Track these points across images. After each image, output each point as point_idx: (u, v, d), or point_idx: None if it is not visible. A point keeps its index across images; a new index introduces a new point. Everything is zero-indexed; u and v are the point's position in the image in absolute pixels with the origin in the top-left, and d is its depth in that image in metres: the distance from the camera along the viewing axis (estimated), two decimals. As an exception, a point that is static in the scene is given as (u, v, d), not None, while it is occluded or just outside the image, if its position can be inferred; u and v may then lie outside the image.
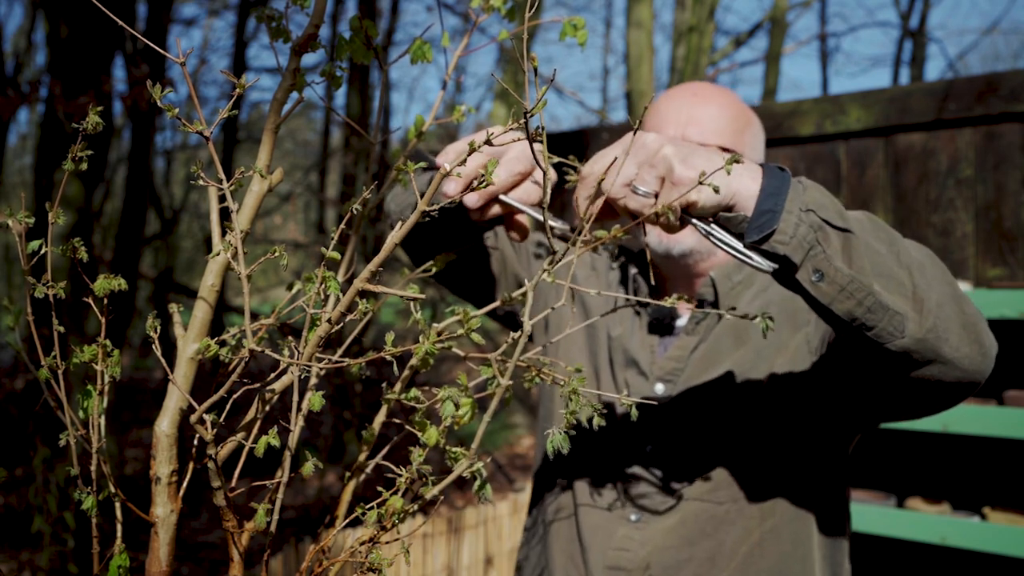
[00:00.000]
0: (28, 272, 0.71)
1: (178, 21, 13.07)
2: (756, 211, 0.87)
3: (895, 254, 0.91)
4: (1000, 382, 2.08)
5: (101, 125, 0.69)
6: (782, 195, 0.86)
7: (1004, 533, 1.93)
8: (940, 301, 0.92)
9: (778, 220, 0.85)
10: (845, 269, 0.86)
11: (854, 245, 0.87)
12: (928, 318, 0.90)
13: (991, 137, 2.18)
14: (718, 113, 1.27)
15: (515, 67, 8.06)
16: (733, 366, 1.24)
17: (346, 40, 0.87)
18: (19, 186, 12.93)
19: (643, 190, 0.88)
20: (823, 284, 0.87)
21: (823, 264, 0.86)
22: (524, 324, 0.71)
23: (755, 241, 0.87)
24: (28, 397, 5.92)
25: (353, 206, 0.77)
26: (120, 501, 0.72)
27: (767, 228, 0.86)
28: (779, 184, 0.87)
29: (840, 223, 0.87)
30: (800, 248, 0.85)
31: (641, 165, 0.88)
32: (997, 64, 20.96)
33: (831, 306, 0.88)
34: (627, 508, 1.24)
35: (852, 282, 0.87)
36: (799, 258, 0.86)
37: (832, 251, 0.86)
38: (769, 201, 0.86)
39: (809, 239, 0.86)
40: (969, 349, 0.95)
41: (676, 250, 1.27)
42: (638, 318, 1.35)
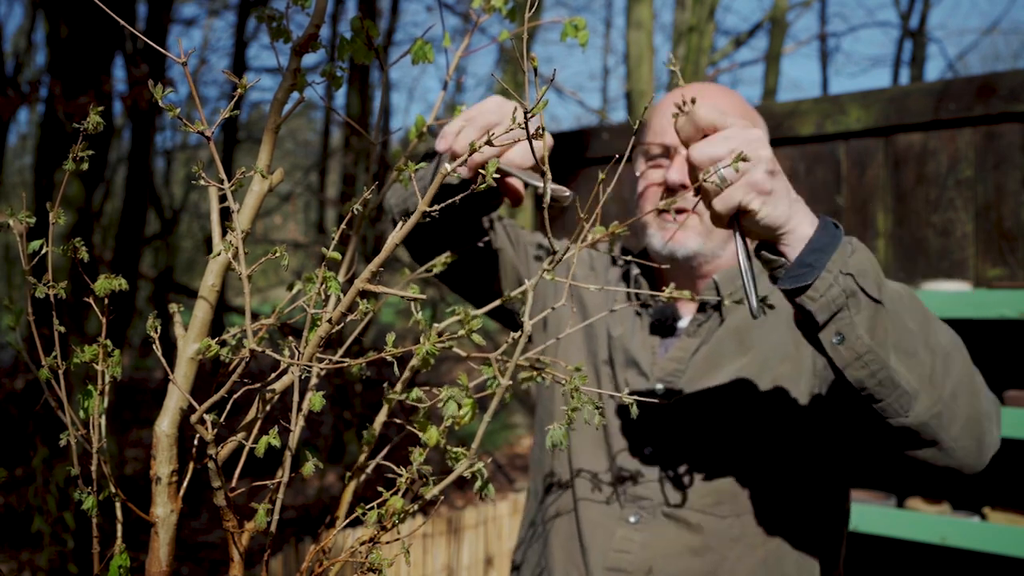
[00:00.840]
0: (29, 272, 0.71)
1: (178, 21, 13.07)
2: (797, 261, 0.88)
3: (924, 335, 0.92)
4: (1000, 382, 2.08)
5: (101, 125, 0.69)
6: (827, 253, 0.87)
7: (1004, 533, 1.93)
8: (955, 391, 0.93)
9: (814, 276, 0.87)
10: (866, 339, 0.88)
11: (882, 317, 0.88)
12: (937, 405, 0.92)
13: (991, 137, 2.18)
14: None
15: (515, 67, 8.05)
16: (735, 371, 1.24)
17: (347, 40, 0.87)
18: (19, 186, 12.93)
19: (721, 174, 0.87)
20: (842, 347, 0.88)
21: (846, 328, 0.87)
22: (524, 324, 0.71)
23: (786, 290, 0.89)
24: (28, 397, 5.92)
25: (353, 206, 0.77)
26: (120, 501, 0.72)
27: (800, 281, 0.87)
28: (828, 241, 0.88)
29: (875, 293, 0.88)
30: (827, 308, 0.87)
31: (732, 152, 0.87)
32: (997, 64, 20.96)
33: (844, 370, 0.89)
34: (626, 509, 1.24)
35: (870, 352, 0.88)
36: (824, 318, 0.88)
37: (858, 319, 0.87)
38: (812, 256, 0.88)
39: (839, 302, 0.87)
40: (968, 443, 0.96)
41: (680, 252, 1.26)
42: (639, 319, 1.34)
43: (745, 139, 0.87)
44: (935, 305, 1.98)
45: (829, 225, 0.90)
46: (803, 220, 0.89)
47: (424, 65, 1.33)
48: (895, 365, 0.89)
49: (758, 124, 1.32)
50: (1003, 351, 2.09)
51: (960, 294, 1.97)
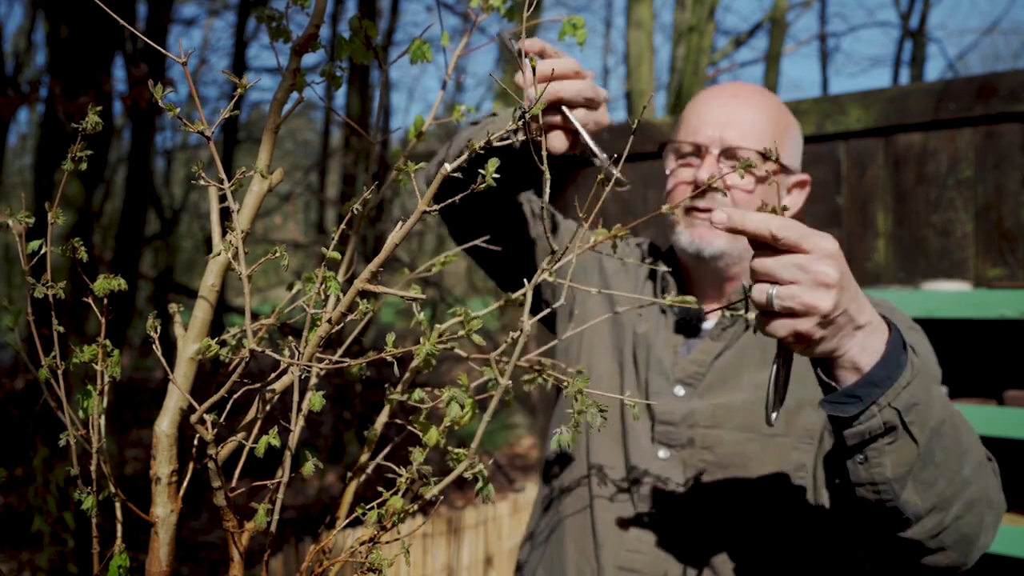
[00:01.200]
0: (28, 272, 0.71)
1: (178, 21, 13.07)
2: (846, 390, 0.85)
3: (951, 470, 0.89)
4: (1000, 382, 2.08)
5: (101, 125, 0.69)
6: (880, 388, 0.83)
7: (1004, 533, 1.93)
8: (959, 514, 0.92)
9: (857, 410, 0.84)
10: (888, 472, 0.86)
11: (912, 455, 0.86)
12: (936, 528, 0.91)
13: (991, 137, 2.18)
14: (757, 117, 1.26)
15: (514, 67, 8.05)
16: (758, 382, 1.22)
17: (346, 40, 0.87)
18: (19, 186, 12.93)
19: (773, 296, 0.81)
20: (862, 468, 0.87)
21: (872, 455, 0.86)
22: (524, 324, 0.71)
23: (827, 410, 0.86)
24: (28, 397, 5.92)
25: (353, 206, 0.77)
26: (120, 501, 0.72)
27: (842, 411, 0.85)
28: (885, 376, 0.83)
29: (916, 432, 0.84)
30: (859, 436, 0.85)
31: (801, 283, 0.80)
32: (997, 64, 20.97)
33: (855, 486, 0.88)
34: (639, 509, 1.23)
35: (885, 483, 0.86)
36: (852, 443, 0.86)
37: (888, 450, 0.85)
38: (864, 389, 0.84)
39: (875, 432, 0.84)
40: (954, 553, 0.96)
41: (707, 251, 1.24)
42: (664, 317, 1.33)
43: (819, 280, 0.80)
44: (935, 305, 1.98)
45: (896, 351, 0.85)
46: (853, 349, 0.84)
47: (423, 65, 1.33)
48: (906, 497, 0.87)
49: (791, 127, 1.31)
50: (1003, 351, 2.09)
51: (960, 294, 1.97)
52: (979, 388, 2.13)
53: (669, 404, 1.24)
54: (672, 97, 8.37)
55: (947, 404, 0.92)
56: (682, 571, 1.18)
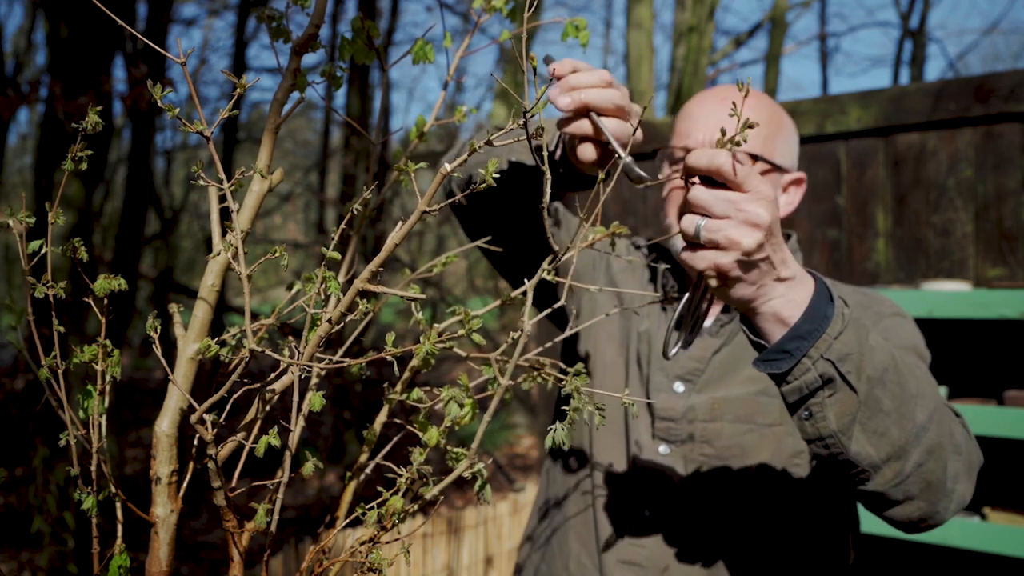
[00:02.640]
0: (28, 272, 0.71)
1: (178, 21, 13.07)
2: (775, 346, 0.85)
3: (900, 415, 0.89)
4: (1000, 382, 2.08)
5: (101, 125, 0.69)
6: (809, 340, 0.83)
7: (1004, 533, 1.93)
8: (920, 461, 0.92)
9: (789, 365, 0.84)
10: (832, 424, 0.86)
11: (854, 404, 0.86)
12: (897, 476, 0.91)
13: (990, 137, 2.18)
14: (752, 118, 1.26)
15: (515, 67, 8.06)
16: (755, 376, 1.24)
17: (348, 40, 0.87)
18: (19, 186, 12.93)
19: (699, 227, 0.83)
20: (807, 424, 0.87)
21: (815, 409, 0.86)
22: (524, 324, 0.71)
23: (760, 369, 0.87)
24: (28, 397, 5.92)
25: (353, 206, 0.77)
26: (120, 501, 0.72)
27: (775, 368, 0.85)
28: (812, 328, 0.84)
29: (854, 380, 0.84)
30: (798, 391, 0.85)
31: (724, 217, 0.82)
32: (997, 64, 20.97)
33: (806, 440, 0.89)
34: (642, 504, 1.25)
35: (831, 437, 0.87)
36: (793, 399, 0.86)
37: (829, 403, 0.85)
38: (792, 343, 0.84)
39: (812, 386, 0.84)
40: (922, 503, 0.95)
41: None
42: (664, 315, 1.35)
43: (748, 219, 0.81)
44: (935, 305, 1.98)
45: (820, 302, 0.85)
46: (774, 301, 0.84)
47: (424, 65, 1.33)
48: (857, 448, 0.87)
49: (784, 128, 1.31)
50: (1003, 351, 2.09)
51: (960, 294, 1.97)
52: (979, 388, 2.13)
53: (669, 400, 1.26)
54: (672, 97, 8.37)
55: (891, 352, 0.92)
56: (684, 563, 1.20)
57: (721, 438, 1.22)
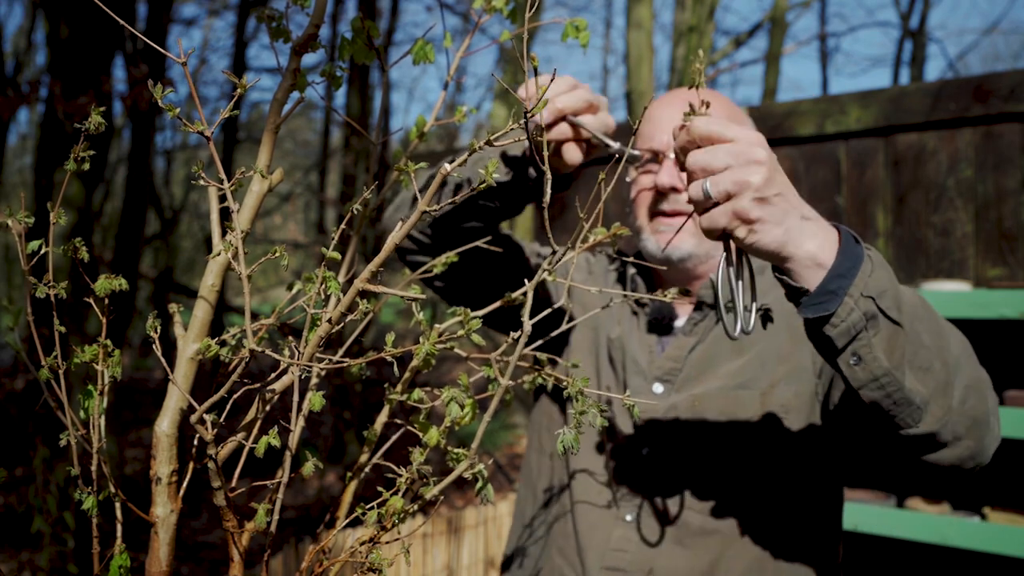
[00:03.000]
0: (29, 272, 0.71)
1: (178, 21, 13.07)
2: (819, 288, 0.85)
3: (939, 348, 0.90)
4: (1000, 382, 2.08)
5: (103, 125, 0.69)
6: (849, 278, 0.84)
7: (1004, 533, 1.93)
8: (963, 397, 0.93)
9: (837, 305, 0.83)
10: (884, 362, 0.85)
11: (900, 338, 0.86)
12: (947, 412, 0.91)
13: (990, 137, 2.18)
14: None
15: (515, 67, 8.05)
16: (732, 371, 1.24)
17: (348, 40, 0.87)
18: (19, 186, 12.93)
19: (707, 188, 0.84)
20: (859, 368, 0.86)
21: (864, 351, 0.85)
22: (524, 324, 0.71)
23: (810, 319, 0.86)
24: (28, 397, 5.92)
25: (353, 206, 0.77)
26: (120, 501, 0.72)
27: (824, 310, 0.84)
28: (851, 265, 0.84)
29: (895, 315, 0.85)
30: (847, 333, 0.84)
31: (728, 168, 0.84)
32: (997, 64, 20.97)
33: (860, 390, 0.88)
34: (622, 509, 1.24)
35: (887, 375, 0.86)
36: (843, 343, 0.85)
37: (876, 341, 0.85)
38: (835, 282, 0.84)
39: (859, 325, 0.84)
40: (971, 442, 0.96)
41: (675, 255, 1.27)
42: (636, 318, 1.35)
43: (747, 159, 0.83)
44: (935, 305, 1.98)
45: (849, 243, 0.86)
46: (805, 241, 0.85)
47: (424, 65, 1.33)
48: (910, 384, 0.87)
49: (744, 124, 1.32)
50: (1003, 351, 2.09)
51: (960, 294, 1.97)
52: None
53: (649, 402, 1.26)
54: (672, 97, 8.35)
55: (915, 293, 0.93)
56: (668, 565, 1.19)
57: (702, 432, 1.22)
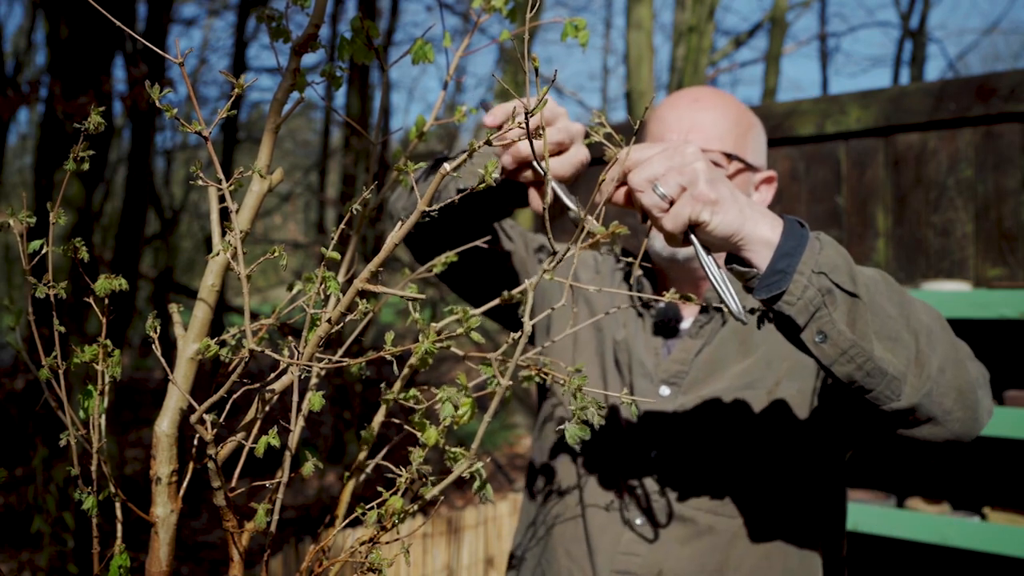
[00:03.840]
0: (29, 272, 0.71)
1: (178, 21, 13.07)
2: (768, 269, 0.88)
3: (904, 317, 0.92)
4: (1000, 382, 2.08)
5: (103, 125, 0.69)
6: (796, 256, 0.87)
7: (1004, 533, 1.93)
8: (941, 366, 0.94)
9: (788, 282, 0.87)
10: (848, 333, 0.88)
11: (860, 310, 0.88)
12: (926, 383, 0.93)
13: (991, 137, 2.18)
14: (720, 118, 1.27)
15: (515, 67, 8.05)
16: (739, 373, 1.24)
17: (348, 40, 0.87)
18: (19, 186, 12.93)
19: (661, 191, 0.89)
20: (826, 345, 0.89)
21: (827, 327, 0.88)
22: (524, 324, 0.71)
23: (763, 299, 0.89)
24: (28, 397, 5.92)
25: (353, 206, 0.77)
26: (120, 501, 0.72)
27: (776, 288, 0.88)
28: (795, 244, 0.88)
29: (850, 287, 0.88)
30: (805, 310, 0.87)
31: (670, 169, 0.89)
32: (997, 64, 20.97)
33: (831, 367, 0.90)
34: (631, 512, 1.24)
35: (853, 346, 0.88)
36: (803, 320, 0.88)
37: (838, 315, 0.87)
38: (783, 261, 0.88)
39: (816, 302, 0.87)
40: (962, 413, 0.98)
41: (681, 254, 1.27)
42: (641, 320, 1.34)
43: (680, 155, 0.89)
44: (935, 305, 1.98)
45: (794, 225, 0.90)
46: (759, 223, 0.89)
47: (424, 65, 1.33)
48: (880, 354, 0.89)
49: (754, 127, 1.33)
50: (1003, 351, 2.09)
51: (960, 294, 1.97)
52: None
53: (657, 405, 1.26)
54: (672, 97, 8.35)
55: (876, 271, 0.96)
56: (678, 567, 1.19)
57: (711, 432, 1.22)
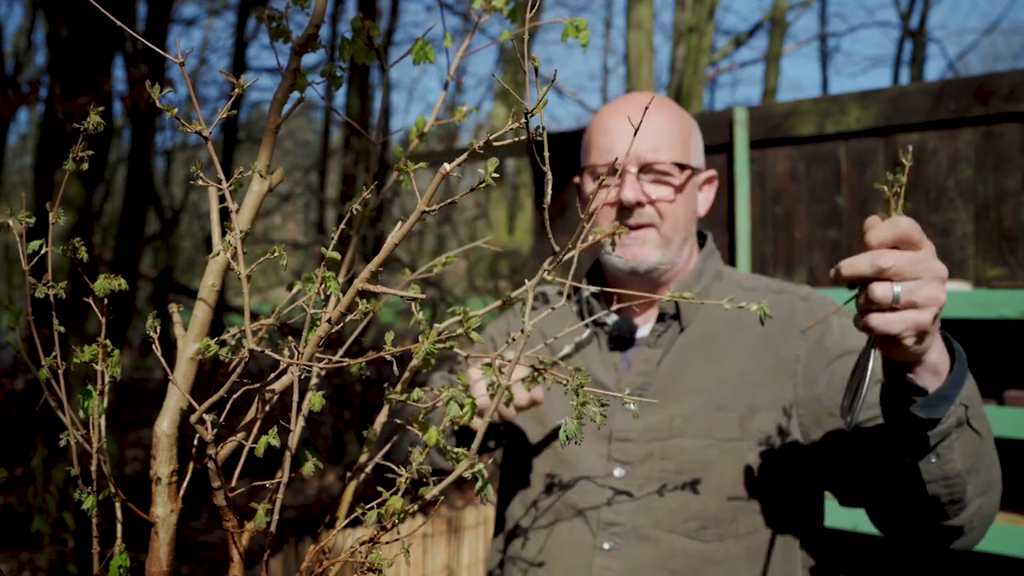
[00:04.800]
0: (28, 272, 0.71)
1: (178, 21, 13.07)
2: (937, 393, 0.88)
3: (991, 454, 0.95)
4: (1000, 382, 2.08)
5: (102, 125, 0.69)
6: (959, 386, 0.88)
7: (1004, 533, 1.93)
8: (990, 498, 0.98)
9: (947, 410, 0.87)
10: (958, 466, 0.90)
11: (975, 445, 0.91)
12: (977, 512, 0.97)
13: (991, 137, 2.18)
14: (665, 128, 1.27)
15: (515, 67, 8.05)
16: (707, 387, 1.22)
17: (348, 40, 0.87)
18: (19, 186, 12.93)
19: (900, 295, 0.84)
20: (933, 466, 0.90)
21: (945, 452, 0.90)
22: (525, 324, 0.71)
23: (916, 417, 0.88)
24: (28, 397, 5.92)
25: (353, 206, 0.77)
26: (120, 501, 0.72)
27: (935, 412, 0.87)
28: (961, 373, 0.88)
29: (977, 424, 0.90)
30: (941, 435, 0.89)
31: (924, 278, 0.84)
32: (997, 64, 20.97)
33: (927, 484, 0.92)
34: (599, 537, 1.21)
35: (957, 477, 0.91)
36: (934, 442, 0.89)
37: (957, 445, 0.90)
38: (951, 389, 0.88)
39: (949, 429, 0.89)
40: (979, 534, 1.01)
41: (643, 267, 1.27)
42: (596, 338, 1.33)
43: (936, 275, 0.84)
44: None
45: (959, 351, 0.90)
46: (933, 350, 0.88)
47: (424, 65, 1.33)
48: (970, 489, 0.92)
49: (694, 131, 1.33)
50: (1003, 351, 2.09)
51: (960, 294, 1.97)
52: (979, 388, 2.12)
53: (624, 422, 1.23)
54: (672, 97, 8.38)
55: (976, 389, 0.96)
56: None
57: (682, 453, 1.20)
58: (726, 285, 1.32)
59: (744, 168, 2.50)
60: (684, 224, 1.29)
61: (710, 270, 1.34)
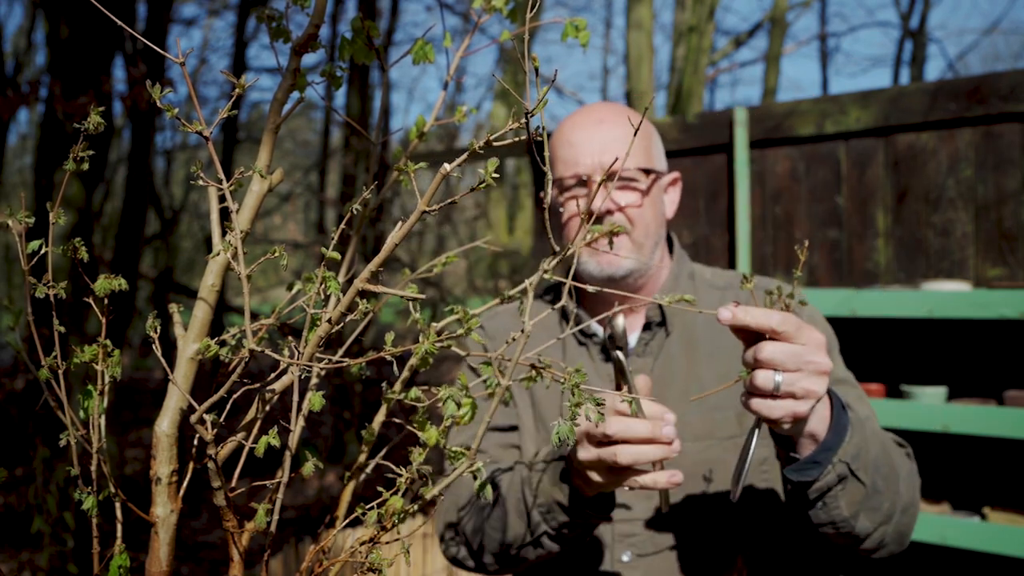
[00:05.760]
0: (28, 272, 0.71)
1: (178, 21, 13.07)
2: (808, 458, 0.96)
3: (890, 491, 1.02)
4: (1000, 382, 2.08)
5: (102, 125, 0.69)
6: (833, 450, 0.95)
7: (1004, 533, 1.93)
8: (898, 521, 1.05)
9: (820, 472, 0.95)
10: (844, 512, 0.99)
11: (862, 494, 0.98)
12: (880, 539, 1.05)
13: (990, 137, 2.18)
14: (627, 134, 1.28)
15: (515, 67, 8.06)
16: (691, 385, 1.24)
17: (348, 40, 0.87)
18: (19, 186, 12.93)
19: (780, 385, 0.89)
20: (821, 512, 0.99)
21: (830, 501, 0.98)
22: (525, 324, 0.71)
23: (792, 480, 0.98)
24: (28, 397, 5.92)
25: (353, 206, 0.77)
26: (120, 501, 0.72)
27: (807, 476, 0.96)
28: (836, 440, 0.95)
29: (863, 476, 0.97)
30: (819, 491, 0.97)
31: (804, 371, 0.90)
32: (997, 64, 20.98)
33: (817, 525, 1.01)
34: (617, 549, 1.22)
35: (844, 522, 1.00)
36: (814, 497, 0.98)
37: (842, 495, 0.97)
38: (822, 455, 0.95)
39: (830, 485, 0.96)
40: (894, 547, 1.09)
41: (619, 274, 1.27)
42: (585, 350, 1.33)
43: (816, 369, 0.90)
44: (935, 305, 1.98)
45: (840, 417, 0.96)
46: (815, 422, 0.94)
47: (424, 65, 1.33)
48: (860, 525, 1.00)
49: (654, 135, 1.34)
50: (1003, 351, 2.09)
51: (960, 294, 1.97)
52: (979, 388, 2.13)
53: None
54: (672, 97, 8.37)
55: (879, 436, 1.04)
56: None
57: (685, 457, 1.21)
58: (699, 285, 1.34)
59: (744, 168, 2.50)
60: (655, 228, 1.30)
61: (684, 272, 1.36)
